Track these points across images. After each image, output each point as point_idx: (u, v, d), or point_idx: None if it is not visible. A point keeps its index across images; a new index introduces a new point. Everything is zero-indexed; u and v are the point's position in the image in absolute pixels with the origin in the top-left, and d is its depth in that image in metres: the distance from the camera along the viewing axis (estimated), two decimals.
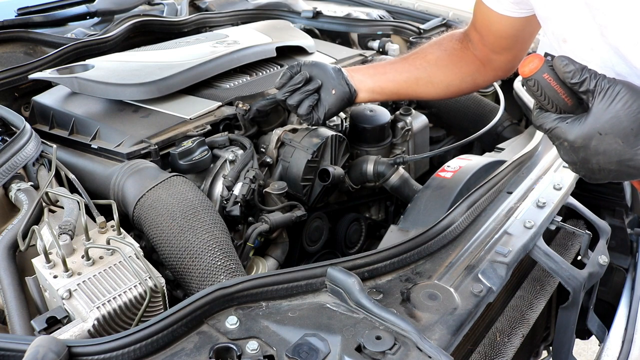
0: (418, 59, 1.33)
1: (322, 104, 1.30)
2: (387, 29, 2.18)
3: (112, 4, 2.23)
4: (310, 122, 1.32)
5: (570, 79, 0.79)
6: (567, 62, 0.79)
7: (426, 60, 1.32)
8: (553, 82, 0.81)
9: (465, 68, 1.31)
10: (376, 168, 1.48)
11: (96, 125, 1.32)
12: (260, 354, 0.75)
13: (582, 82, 0.78)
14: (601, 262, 1.20)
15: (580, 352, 1.78)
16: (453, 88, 1.35)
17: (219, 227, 1.12)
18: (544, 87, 0.81)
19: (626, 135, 0.78)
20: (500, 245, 1.02)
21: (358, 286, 0.84)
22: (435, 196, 1.26)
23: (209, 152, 1.29)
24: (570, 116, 0.82)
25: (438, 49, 1.33)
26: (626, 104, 0.77)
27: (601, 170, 0.83)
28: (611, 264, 1.33)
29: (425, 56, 1.33)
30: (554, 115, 0.83)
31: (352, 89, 1.30)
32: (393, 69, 1.35)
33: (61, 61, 1.64)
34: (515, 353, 1.14)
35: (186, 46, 1.69)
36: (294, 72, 1.30)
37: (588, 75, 0.78)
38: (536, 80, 0.81)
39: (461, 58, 1.31)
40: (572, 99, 0.82)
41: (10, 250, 0.97)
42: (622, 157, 0.80)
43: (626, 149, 0.79)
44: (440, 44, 1.34)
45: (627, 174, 0.83)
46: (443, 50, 1.32)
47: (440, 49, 1.33)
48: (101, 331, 0.87)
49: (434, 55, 1.32)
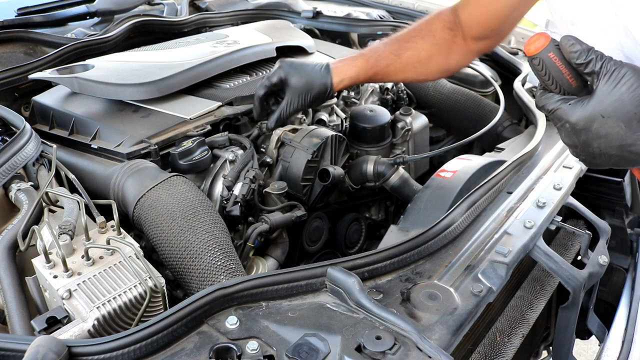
0: (411, 57, 1.31)
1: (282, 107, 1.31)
2: (387, 29, 2.18)
3: (112, 4, 2.23)
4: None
5: (576, 59, 0.78)
6: (574, 42, 0.78)
7: (418, 59, 1.31)
8: (558, 62, 0.80)
9: (452, 59, 1.32)
10: (376, 168, 1.48)
11: (96, 125, 1.32)
12: (260, 354, 0.75)
13: (587, 62, 0.77)
14: (601, 262, 1.20)
15: (580, 352, 1.78)
16: (433, 76, 1.42)
17: (219, 227, 1.12)
18: (548, 66, 0.80)
19: (629, 119, 0.77)
20: (500, 245, 1.02)
21: (358, 286, 0.84)
22: (435, 196, 1.26)
23: (209, 152, 1.29)
24: (574, 98, 0.81)
25: (431, 41, 1.31)
26: (631, 87, 0.76)
27: (602, 154, 0.81)
28: (611, 264, 1.33)
29: (419, 54, 1.31)
30: (557, 96, 0.82)
31: (330, 84, 1.31)
32: (380, 55, 1.33)
33: (61, 61, 1.64)
34: (515, 353, 1.14)
35: (186, 46, 1.69)
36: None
37: (594, 57, 0.77)
38: (541, 59, 0.80)
39: (451, 49, 1.31)
40: (576, 81, 0.81)
41: (10, 250, 0.97)
42: (623, 142, 0.78)
43: (628, 133, 0.78)
44: (433, 34, 1.31)
45: (627, 159, 0.81)
46: (435, 44, 1.30)
47: (433, 41, 1.31)
48: (101, 331, 0.87)
49: (426, 52, 1.30)
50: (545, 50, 0.80)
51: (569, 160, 1.35)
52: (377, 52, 1.33)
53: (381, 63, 1.31)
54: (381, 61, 1.31)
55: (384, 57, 1.32)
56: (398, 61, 1.31)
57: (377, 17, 2.45)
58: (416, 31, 1.33)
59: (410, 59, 1.31)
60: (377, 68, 1.32)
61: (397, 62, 1.31)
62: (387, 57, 1.32)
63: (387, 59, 1.31)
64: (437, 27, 1.31)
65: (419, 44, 1.31)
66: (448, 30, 1.30)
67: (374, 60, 1.32)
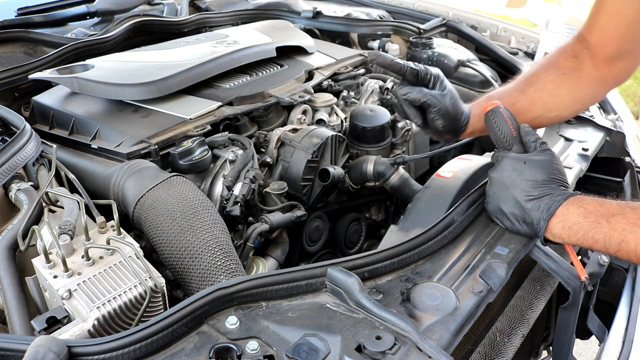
0: (537, 91, 1.20)
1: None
2: (387, 29, 2.18)
3: (112, 4, 2.23)
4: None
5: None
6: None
7: (546, 92, 1.20)
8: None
9: (584, 88, 1.21)
10: (376, 168, 1.48)
11: (96, 125, 1.32)
12: (260, 354, 0.75)
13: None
14: (601, 262, 1.20)
15: (580, 352, 1.78)
16: (568, 110, 1.26)
17: (219, 227, 1.12)
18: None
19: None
20: (500, 245, 1.02)
21: (358, 286, 0.84)
22: (435, 196, 1.26)
23: (209, 152, 1.29)
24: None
25: (556, 72, 1.20)
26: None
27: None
28: (611, 264, 1.33)
29: (545, 87, 1.20)
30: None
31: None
32: (503, 94, 1.23)
33: (61, 61, 1.64)
34: (515, 353, 1.14)
35: (186, 46, 1.69)
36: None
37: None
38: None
39: (580, 77, 1.20)
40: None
41: (10, 250, 0.97)
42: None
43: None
44: (556, 65, 1.21)
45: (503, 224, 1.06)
46: (561, 74, 1.20)
47: (558, 71, 1.20)
48: (101, 331, 0.87)
49: (553, 83, 1.20)
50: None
51: (568, 161, 1.35)
52: (499, 92, 1.24)
53: (505, 102, 1.16)
54: (505, 100, 1.18)
55: (507, 95, 1.21)
56: (524, 98, 1.20)
57: (377, 17, 2.46)
58: (538, 66, 1.24)
59: (537, 93, 1.20)
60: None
61: (523, 99, 1.20)
62: (510, 95, 1.21)
63: (511, 97, 1.20)
64: (559, 58, 1.22)
65: (543, 77, 1.21)
66: (572, 59, 1.20)
67: (497, 99, 1.19)
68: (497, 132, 1.07)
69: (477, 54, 2.14)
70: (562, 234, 0.96)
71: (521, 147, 1.05)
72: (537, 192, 0.99)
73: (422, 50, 2.03)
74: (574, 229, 0.95)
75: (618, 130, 1.53)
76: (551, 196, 0.98)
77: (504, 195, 1.03)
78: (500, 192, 1.03)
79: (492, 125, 1.07)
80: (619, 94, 1.90)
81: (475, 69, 1.93)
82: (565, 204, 0.97)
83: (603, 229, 0.91)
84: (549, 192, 0.98)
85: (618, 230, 0.90)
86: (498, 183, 1.04)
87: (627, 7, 1.09)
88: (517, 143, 1.05)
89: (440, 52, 1.99)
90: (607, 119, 1.62)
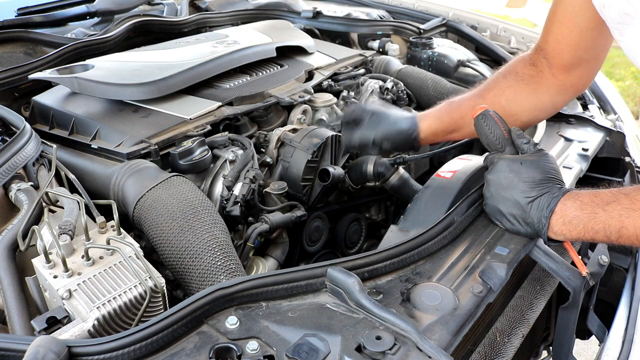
0: (496, 96, 1.23)
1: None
2: (387, 29, 2.18)
3: (112, 4, 2.23)
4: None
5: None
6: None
7: (504, 97, 1.23)
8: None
9: (543, 94, 1.23)
10: (376, 168, 1.48)
11: (96, 125, 1.32)
12: (260, 354, 0.75)
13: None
14: (601, 262, 1.20)
15: (580, 352, 1.78)
16: (528, 115, 1.26)
17: (219, 227, 1.12)
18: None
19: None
20: (500, 245, 1.02)
21: (358, 286, 0.84)
22: (435, 196, 1.25)
23: (209, 152, 1.29)
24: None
25: (514, 78, 1.23)
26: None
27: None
28: (611, 264, 1.32)
29: (503, 92, 1.23)
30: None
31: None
32: (463, 99, 1.27)
33: (61, 61, 1.64)
34: (515, 353, 1.14)
35: (186, 46, 1.69)
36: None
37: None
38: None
39: (539, 84, 1.22)
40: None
41: (10, 250, 0.97)
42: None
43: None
44: (514, 72, 1.24)
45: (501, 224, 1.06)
46: (519, 80, 1.23)
47: (516, 78, 1.23)
48: (101, 331, 0.87)
49: (511, 89, 1.23)
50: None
51: (568, 161, 1.35)
52: (458, 98, 1.27)
53: (464, 106, 1.22)
54: (464, 103, 1.23)
55: (467, 99, 1.25)
56: (482, 102, 1.20)
57: (377, 17, 2.46)
58: (497, 74, 1.27)
59: (495, 98, 1.22)
60: (461, 111, 1.25)
61: (482, 103, 1.19)
62: (470, 99, 1.25)
63: (470, 100, 1.24)
64: (518, 66, 1.25)
65: (502, 82, 1.24)
66: (531, 67, 1.22)
67: (456, 104, 1.26)
68: (489, 135, 1.08)
69: (477, 54, 2.14)
70: (564, 230, 0.97)
71: (513, 148, 1.07)
72: (535, 192, 0.99)
73: (422, 50, 2.03)
74: (574, 222, 0.95)
75: (618, 130, 1.53)
76: (549, 194, 0.98)
77: (502, 196, 1.03)
78: (498, 193, 1.04)
79: (483, 129, 1.09)
80: (619, 94, 1.90)
81: (475, 69, 1.93)
82: (562, 200, 0.97)
83: (601, 218, 0.92)
84: (547, 190, 0.99)
85: (615, 218, 0.90)
86: (495, 184, 1.05)
87: (579, 16, 1.10)
88: (510, 145, 1.07)
89: (440, 52, 2.00)
90: (607, 119, 1.62)
